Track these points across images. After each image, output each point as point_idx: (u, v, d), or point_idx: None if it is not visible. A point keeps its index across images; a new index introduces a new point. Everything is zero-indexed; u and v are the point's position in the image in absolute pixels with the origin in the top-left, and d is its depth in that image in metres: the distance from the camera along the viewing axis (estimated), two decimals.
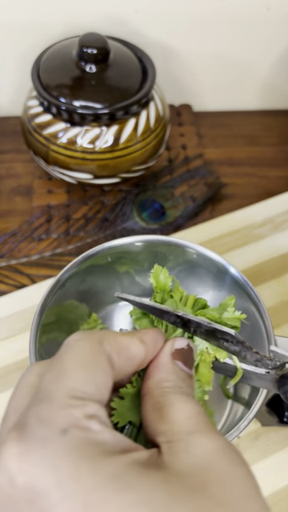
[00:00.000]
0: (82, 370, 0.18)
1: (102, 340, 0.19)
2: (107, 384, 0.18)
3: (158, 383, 0.20)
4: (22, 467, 0.15)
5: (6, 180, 0.60)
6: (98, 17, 0.57)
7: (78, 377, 0.17)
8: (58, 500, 0.14)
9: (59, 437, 0.15)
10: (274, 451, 0.40)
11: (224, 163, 0.64)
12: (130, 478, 0.15)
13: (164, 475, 0.15)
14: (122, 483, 0.15)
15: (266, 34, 0.61)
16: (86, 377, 0.17)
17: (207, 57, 0.64)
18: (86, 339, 0.19)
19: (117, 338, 0.20)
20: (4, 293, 0.50)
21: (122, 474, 0.15)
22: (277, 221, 0.55)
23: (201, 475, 0.16)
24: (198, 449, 0.17)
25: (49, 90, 0.49)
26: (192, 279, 0.42)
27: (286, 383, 0.24)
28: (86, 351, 0.18)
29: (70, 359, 0.18)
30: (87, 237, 0.55)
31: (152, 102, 0.52)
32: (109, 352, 0.19)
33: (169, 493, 0.15)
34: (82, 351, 0.18)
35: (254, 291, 0.36)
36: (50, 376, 0.18)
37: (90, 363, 0.18)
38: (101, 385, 0.18)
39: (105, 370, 0.18)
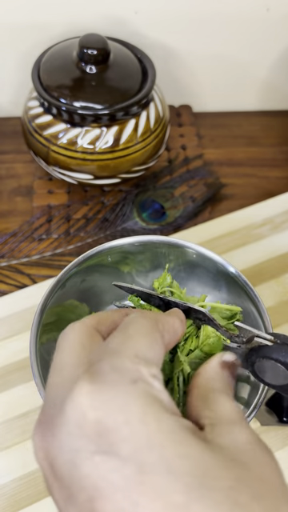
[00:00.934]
0: (146, 339, 0.20)
1: (157, 321, 0.23)
2: (161, 356, 0.21)
3: (208, 380, 0.23)
4: (93, 404, 0.17)
5: (7, 180, 0.61)
6: (98, 18, 0.57)
7: (142, 343, 0.20)
8: (125, 436, 0.16)
9: (129, 384, 0.17)
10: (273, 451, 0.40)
11: (224, 164, 0.64)
12: (183, 436, 0.17)
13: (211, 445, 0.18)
14: (178, 437, 0.17)
15: (266, 34, 0.62)
16: (149, 345, 0.20)
17: (207, 57, 0.64)
18: (144, 317, 0.22)
19: (167, 319, 0.23)
20: (4, 293, 0.50)
21: (178, 430, 0.17)
22: (276, 221, 0.55)
23: (241, 453, 0.18)
24: (239, 435, 0.19)
25: (49, 91, 0.49)
26: (192, 279, 0.43)
27: (252, 355, 0.27)
28: (147, 326, 0.21)
29: (134, 329, 0.21)
30: (87, 237, 0.55)
31: (152, 103, 0.52)
32: (162, 330, 0.22)
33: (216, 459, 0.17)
34: (144, 325, 0.21)
35: (253, 291, 0.36)
36: (117, 340, 0.20)
37: (150, 335, 0.21)
38: (158, 355, 0.20)
39: (160, 343, 0.21)
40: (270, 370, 0.26)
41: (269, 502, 0.16)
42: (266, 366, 0.26)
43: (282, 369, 0.25)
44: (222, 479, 0.16)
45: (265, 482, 0.17)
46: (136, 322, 0.22)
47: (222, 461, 0.17)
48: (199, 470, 0.16)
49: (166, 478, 0.16)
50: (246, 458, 0.18)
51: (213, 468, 0.16)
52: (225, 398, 0.22)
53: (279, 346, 0.25)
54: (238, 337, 0.28)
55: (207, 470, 0.16)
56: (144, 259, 0.42)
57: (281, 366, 0.25)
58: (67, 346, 0.22)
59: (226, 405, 0.21)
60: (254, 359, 0.26)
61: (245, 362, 0.28)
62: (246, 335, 0.28)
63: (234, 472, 0.17)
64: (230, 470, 0.17)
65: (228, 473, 0.16)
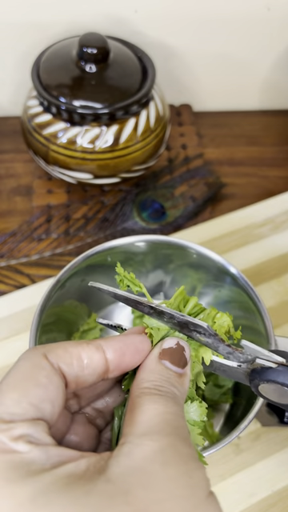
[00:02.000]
0: (14, 391, 0.18)
1: (48, 353, 0.19)
2: (48, 396, 0.18)
3: (138, 384, 0.20)
4: None
5: (6, 180, 0.60)
6: (98, 16, 0.57)
7: (8, 399, 0.17)
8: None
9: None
10: (274, 451, 0.40)
11: (224, 163, 0.64)
12: (49, 496, 0.15)
13: (89, 486, 0.15)
14: (39, 501, 0.15)
15: (266, 33, 0.61)
16: (18, 397, 0.18)
17: (207, 56, 0.64)
18: (28, 357, 0.19)
19: (66, 348, 0.20)
20: (4, 293, 0.50)
21: (41, 493, 0.15)
22: (277, 221, 0.55)
23: (128, 479, 0.16)
24: (139, 451, 0.17)
25: (49, 90, 0.48)
26: (192, 279, 0.42)
27: (255, 377, 0.25)
28: (25, 369, 0.19)
29: (5, 383, 0.18)
30: (87, 237, 0.55)
31: (152, 102, 0.52)
32: (56, 364, 0.19)
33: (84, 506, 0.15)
34: (21, 369, 0.19)
35: (254, 291, 0.36)
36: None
37: (23, 382, 0.18)
38: (37, 400, 0.18)
39: (43, 383, 0.18)
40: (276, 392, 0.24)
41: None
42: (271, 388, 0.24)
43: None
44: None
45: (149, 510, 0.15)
46: (14, 369, 0.19)
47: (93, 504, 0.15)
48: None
49: None
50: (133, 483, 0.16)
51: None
52: (150, 401, 0.19)
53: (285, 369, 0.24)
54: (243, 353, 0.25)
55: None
56: (144, 259, 0.42)
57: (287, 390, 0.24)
58: None
59: (145, 412, 0.19)
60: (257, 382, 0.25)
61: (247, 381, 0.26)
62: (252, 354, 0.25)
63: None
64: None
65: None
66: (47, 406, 0.18)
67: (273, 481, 0.39)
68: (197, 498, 0.16)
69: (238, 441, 0.41)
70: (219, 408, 0.40)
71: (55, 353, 0.19)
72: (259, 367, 0.25)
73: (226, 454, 0.40)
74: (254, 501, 0.38)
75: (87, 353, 0.20)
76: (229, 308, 0.41)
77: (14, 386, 0.18)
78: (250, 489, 0.39)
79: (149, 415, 0.18)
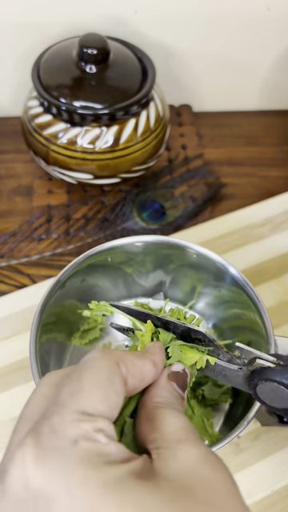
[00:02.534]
0: (99, 390, 0.19)
1: (120, 362, 0.21)
2: (118, 404, 0.20)
3: (152, 397, 0.23)
4: (36, 472, 0.17)
5: (6, 180, 0.61)
6: (98, 17, 0.57)
7: (93, 395, 0.19)
8: (66, 505, 0.16)
9: (70, 447, 0.17)
10: (273, 451, 0.40)
11: (224, 163, 0.64)
12: (128, 484, 0.17)
13: (155, 481, 0.17)
14: (121, 487, 0.17)
15: (266, 33, 0.61)
16: (101, 397, 0.19)
17: (207, 57, 0.64)
18: (104, 359, 0.21)
19: (133, 362, 0.22)
20: (4, 293, 0.50)
21: (122, 480, 0.17)
22: (277, 221, 0.55)
23: (187, 479, 0.18)
24: (185, 456, 0.19)
25: (49, 91, 0.49)
26: (192, 279, 0.43)
27: (254, 377, 0.26)
28: (104, 371, 0.20)
29: (89, 377, 0.20)
30: (87, 237, 0.55)
31: (152, 103, 0.52)
32: (125, 375, 0.21)
33: (158, 495, 0.17)
34: (101, 371, 0.20)
35: (253, 291, 0.36)
36: (68, 389, 0.20)
37: (106, 384, 0.20)
38: (113, 404, 0.20)
39: (118, 391, 0.20)
40: (273, 392, 0.25)
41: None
42: (269, 388, 0.25)
43: (285, 392, 0.25)
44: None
45: (212, 506, 0.17)
46: (93, 367, 0.20)
47: (165, 497, 0.17)
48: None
49: None
50: (191, 482, 0.18)
51: (158, 507, 0.16)
52: (171, 414, 0.21)
53: (283, 368, 0.25)
54: (240, 358, 0.27)
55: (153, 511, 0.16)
56: (144, 259, 0.42)
57: (284, 389, 0.25)
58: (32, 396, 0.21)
59: (171, 422, 0.21)
60: (256, 382, 0.26)
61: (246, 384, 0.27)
62: (247, 356, 0.27)
63: (179, 505, 0.17)
64: (174, 504, 0.17)
65: (173, 507, 0.16)
66: (116, 411, 0.20)
67: (272, 480, 0.39)
68: (240, 500, 0.18)
69: (238, 440, 0.41)
70: (219, 407, 0.40)
71: (126, 364, 0.21)
72: (259, 367, 0.26)
73: (226, 454, 0.40)
74: (254, 500, 0.38)
75: (147, 367, 0.23)
76: (229, 308, 0.41)
77: (99, 385, 0.20)
78: (250, 488, 0.39)
79: (175, 426, 0.21)
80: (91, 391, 0.19)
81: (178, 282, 0.44)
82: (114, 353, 0.22)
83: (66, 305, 0.40)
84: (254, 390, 0.26)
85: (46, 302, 0.35)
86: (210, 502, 0.17)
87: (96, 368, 0.20)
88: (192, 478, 0.18)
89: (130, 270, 0.43)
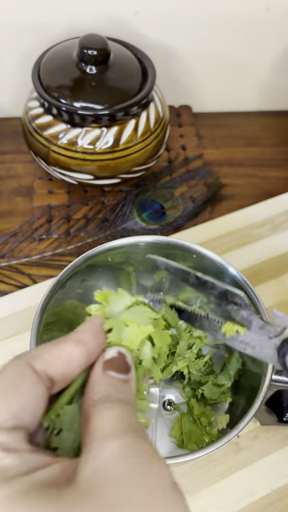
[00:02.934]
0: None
1: (31, 360, 0.20)
2: (29, 405, 0.19)
3: (88, 397, 0.21)
4: None
5: (7, 180, 0.61)
6: (99, 18, 0.58)
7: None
8: None
9: None
10: (273, 450, 0.40)
11: (223, 164, 0.64)
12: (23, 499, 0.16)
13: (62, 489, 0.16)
14: (14, 503, 0.15)
15: (266, 34, 0.62)
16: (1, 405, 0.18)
17: (207, 58, 0.64)
18: (13, 365, 0.20)
19: (51, 351, 0.21)
20: (5, 293, 0.50)
21: (16, 496, 0.16)
22: (276, 221, 0.55)
23: (96, 479, 0.17)
24: (104, 452, 0.18)
25: (49, 91, 0.49)
26: None
27: (284, 346, 0.26)
28: (9, 377, 0.19)
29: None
30: (87, 237, 0.56)
31: (152, 103, 0.52)
32: (42, 370, 0.20)
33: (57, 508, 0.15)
34: (5, 378, 0.19)
35: (253, 291, 0.36)
36: None
37: (6, 390, 0.19)
38: (16, 409, 0.18)
39: (25, 392, 0.19)
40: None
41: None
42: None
43: None
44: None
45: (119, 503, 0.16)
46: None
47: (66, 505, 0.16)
48: None
49: None
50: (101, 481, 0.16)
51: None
52: (102, 408, 0.20)
53: None
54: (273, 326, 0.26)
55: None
56: (144, 259, 0.42)
57: None
58: None
59: (100, 418, 0.19)
60: (285, 350, 0.25)
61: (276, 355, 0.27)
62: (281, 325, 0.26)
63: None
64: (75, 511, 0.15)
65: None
66: (27, 415, 0.19)
67: (272, 479, 0.39)
68: (162, 488, 0.17)
69: (238, 440, 0.41)
70: (218, 407, 0.40)
71: (41, 359, 0.20)
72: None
73: (226, 453, 0.40)
74: (254, 499, 0.38)
75: (68, 350, 0.21)
76: None
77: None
78: (250, 487, 0.39)
79: (105, 420, 0.19)
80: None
81: (177, 282, 0.44)
82: (28, 352, 0.21)
83: (67, 305, 0.40)
84: (282, 358, 0.26)
85: (46, 301, 0.35)
86: (117, 499, 0.16)
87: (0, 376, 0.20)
88: (102, 475, 0.17)
89: (129, 270, 0.43)
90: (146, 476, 0.17)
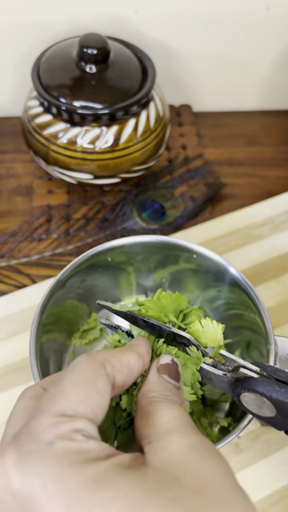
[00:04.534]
0: (78, 391, 0.20)
1: (105, 362, 0.22)
2: (102, 403, 0.20)
3: (145, 394, 0.23)
4: (16, 476, 0.17)
5: (6, 180, 0.61)
6: (98, 17, 0.57)
7: (72, 396, 0.19)
8: (44, 502, 0.16)
9: (46, 449, 0.17)
10: (273, 451, 0.40)
11: (224, 163, 0.64)
12: (109, 478, 0.17)
13: (142, 472, 0.18)
14: (102, 482, 0.17)
15: (266, 33, 0.61)
16: (81, 398, 0.19)
17: (207, 57, 0.64)
18: (88, 362, 0.21)
19: (118, 358, 0.22)
20: (4, 293, 0.50)
21: (102, 475, 0.17)
22: (277, 221, 0.55)
23: (175, 468, 0.18)
24: (173, 446, 0.19)
25: (49, 91, 0.49)
26: (192, 279, 0.43)
27: (238, 386, 0.26)
28: (87, 373, 0.21)
29: (69, 380, 0.20)
30: (87, 237, 0.55)
31: (152, 103, 0.52)
32: (111, 373, 0.21)
33: (144, 487, 0.17)
34: (83, 373, 0.21)
35: (253, 291, 0.36)
36: (49, 395, 0.20)
37: (87, 385, 0.20)
38: (95, 405, 0.20)
39: (101, 391, 0.20)
40: (256, 402, 0.25)
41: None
42: (253, 397, 0.25)
43: (267, 403, 0.25)
44: (151, 507, 0.16)
45: (200, 493, 0.17)
46: (75, 370, 0.21)
47: (151, 488, 0.17)
48: (127, 508, 0.16)
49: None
50: (180, 471, 0.18)
51: (143, 500, 0.16)
52: (163, 406, 0.22)
53: (265, 380, 0.25)
54: (224, 365, 0.27)
55: (137, 505, 0.16)
56: (144, 259, 0.42)
57: (266, 400, 0.25)
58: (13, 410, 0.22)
59: (162, 415, 0.21)
60: (239, 390, 0.26)
61: (231, 390, 0.27)
62: (231, 364, 0.27)
63: (166, 495, 0.16)
64: (162, 495, 0.16)
65: (159, 499, 0.16)
66: (100, 413, 0.20)
67: (272, 480, 0.39)
68: (235, 487, 0.18)
69: (238, 440, 0.41)
70: (219, 407, 0.40)
71: (111, 362, 0.22)
72: (242, 376, 0.26)
73: (226, 454, 0.40)
74: (254, 500, 0.38)
75: (133, 361, 0.23)
76: (228, 308, 0.41)
77: (79, 386, 0.20)
78: (250, 488, 0.39)
79: (167, 417, 0.21)
80: (70, 393, 0.20)
81: (177, 282, 0.44)
82: (100, 354, 0.22)
83: (66, 305, 0.40)
84: (237, 397, 0.26)
85: (46, 302, 0.35)
86: (198, 489, 0.17)
87: (77, 371, 0.21)
88: (180, 466, 0.18)
89: (130, 270, 0.43)
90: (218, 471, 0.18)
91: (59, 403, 0.19)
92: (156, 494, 0.16)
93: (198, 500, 0.17)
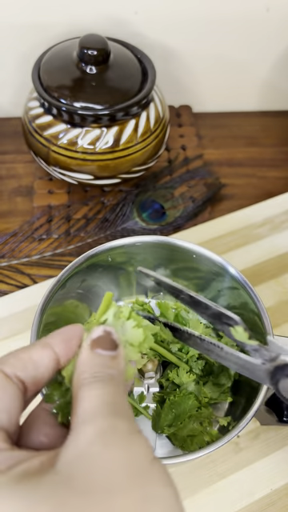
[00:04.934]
0: None
1: (1, 365, 0.21)
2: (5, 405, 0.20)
3: (77, 377, 0.21)
4: None
5: (7, 180, 0.61)
6: (98, 18, 0.58)
7: None
8: None
9: None
10: (273, 450, 0.41)
11: (223, 164, 0.64)
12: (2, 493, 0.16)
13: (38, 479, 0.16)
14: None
15: (266, 34, 0.62)
16: None
17: (207, 58, 0.64)
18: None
19: (17, 356, 0.21)
20: (5, 293, 0.50)
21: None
22: (276, 221, 0.55)
23: (72, 466, 0.17)
24: (83, 437, 0.18)
25: (49, 91, 0.49)
26: (192, 279, 0.43)
27: (277, 373, 0.25)
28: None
29: None
30: (88, 237, 0.56)
31: (152, 103, 0.52)
32: (11, 373, 0.21)
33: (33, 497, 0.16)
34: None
35: (253, 291, 0.36)
36: None
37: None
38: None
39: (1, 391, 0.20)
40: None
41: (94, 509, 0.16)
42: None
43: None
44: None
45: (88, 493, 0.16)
46: None
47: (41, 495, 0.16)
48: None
49: None
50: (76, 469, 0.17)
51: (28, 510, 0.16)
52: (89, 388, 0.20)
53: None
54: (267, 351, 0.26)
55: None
56: (144, 260, 0.42)
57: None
58: None
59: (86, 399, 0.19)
60: (278, 377, 0.25)
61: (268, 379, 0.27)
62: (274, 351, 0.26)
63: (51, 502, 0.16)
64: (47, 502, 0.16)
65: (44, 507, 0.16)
66: (3, 416, 0.19)
67: (272, 479, 0.39)
68: (138, 467, 0.17)
69: (238, 439, 0.41)
70: (218, 407, 0.40)
71: (8, 363, 0.21)
72: (282, 363, 0.25)
73: (226, 453, 0.40)
74: (254, 499, 0.38)
75: (36, 353, 0.22)
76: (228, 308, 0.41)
77: None
78: (250, 487, 0.39)
79: (88, 402, 0.19)
80: None
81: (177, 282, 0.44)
82: None
83: (67, 305, 0.40)
84: (275, 385, 0.26)
85: (46, 301, 0.35)
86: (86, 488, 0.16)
87: None
88: (77, 462, 0.17)
89: (130, 270, 0.43)
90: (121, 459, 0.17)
91: None
92: (42, 503, 0.16)
93: (84, 501, 0.16)
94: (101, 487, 0.16)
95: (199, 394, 0.38)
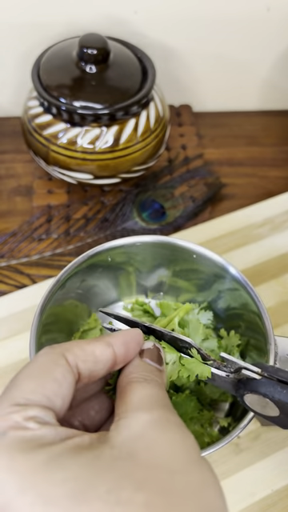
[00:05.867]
0: (31, 381, 0.20)
1: (65, 352, 0.22)
2: (61, 391, 0.20)
3: (126, 375, 0.23)
4: None
5: (6, 180, 0.61)
6: (98, 17, 0.57)
7: (24, 386, 0.20)
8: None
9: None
10: (273, 451, 0.40)
11: (224, 163, 0.64)
12: (61, 461, 0.17)
13: (97, 451, 0.18)
14: (53, 465, 0.17)
15: (266, 34, 0.62)
16: (34, 386, 0.20)
17: (207, 57, 0.64)
18: (47, 354, 0.22)
19: (82, 347, 0.22)
20: (4, 293, 0.50)
21: (54, 458, 0.17)
22: (276, 221, 0.55)
23: (132, 444, 0.18)
24: (137, 422, 0.19)
25: (49, 91, 0.49)
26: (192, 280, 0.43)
27: (240, 387, 0.26)
28: (44, 364, 0.21)
29: (24, 372, 0.21)
30: (87, 237, 0.55)
31: (152, 103, 0.52)
32: (72, 362, 0.22)
33: (95, 466, 0.17)
34: (39, 364, 0.21)
35: (253, 291, 0.36)
36: (5, 390, 0.20)
37: (42, 375, 0.20)
38: (50, 393, 0.20)
39: (59, 379, 0.21)
40: (260, 402, 0.26)
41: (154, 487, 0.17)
42: (255, 398, 0.26)
43: (270, 403, 0.25)
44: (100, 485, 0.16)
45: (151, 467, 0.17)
46: (32, 362, 0.21)
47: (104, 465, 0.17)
48: (77, 488, 0.16)
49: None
50: (135, 447, 0.18)
51: (93, 479, 0.16)
52: (140, 385, 0.22)
53: (267, 381, 0.25)
54: (226, 367, 0.28)
55: (87, 484, 0.16)
56: (144, 259, 0.42)
57: (269, 401, 0.25)
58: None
59: (136, 393, 0.21)
60: (242, 392, 0.26)
61: (234, 391, 0.28)
62: (233, 366, 0.27)
63: (116, 472, 0.17)
64: (112, 472, 0.17)
65: (109, 476, 0.17)
66: (58, 400, 0.20)
67: (273, 480, 0.39)
68: (192, 457, 0.19)
69: (238, 440, 0.41)
70: (219, 407, 0.40)
71: (73, 352, 0.22)
72: (244, 378, 0.26)
73: (226, 454, 0.40)
74: (254, 500, 0.38)
75: (99, 349, 0.23)
76: (228, 308, 0.41)
77: (33, 377, 0.20)
78: (250, 488, 0.39)
79: (139, 395, 0.21)
80: (22, 383, 0.20)
81: (177, 282, 0.44)
82: (62, 345, 0.22)
83: (66, 305, 0.40)
84: (241, 398, 0.27)
85: (46, 302, 0.35)
86: (150, 463, 0.17)
87: (33, 363, 0.21)
88: (137, 442, 0.18)
89: (130, 270, 0.43)
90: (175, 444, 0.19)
91: (12, 394, 0.20)
92: (106, 472, 0.17)
93: (148, 473, 0.17)
94: (164, 464, 0.18)
95: (200, 395, 0.38)
